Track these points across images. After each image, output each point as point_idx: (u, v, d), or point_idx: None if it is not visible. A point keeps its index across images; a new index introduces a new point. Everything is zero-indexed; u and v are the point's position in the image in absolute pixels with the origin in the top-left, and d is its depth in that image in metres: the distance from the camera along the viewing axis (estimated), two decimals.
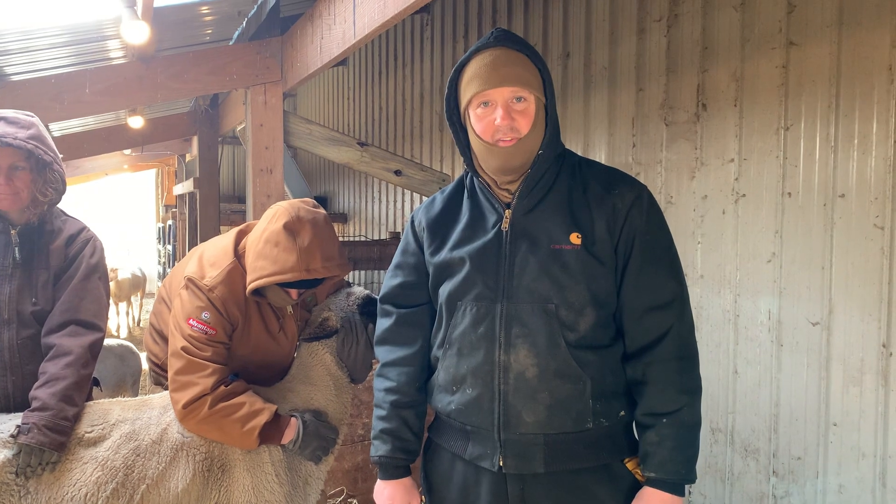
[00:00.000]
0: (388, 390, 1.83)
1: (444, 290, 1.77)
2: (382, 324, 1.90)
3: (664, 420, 1.63)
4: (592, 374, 1.65)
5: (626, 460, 1.70)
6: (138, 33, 3.62)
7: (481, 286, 1.69)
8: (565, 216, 1.68)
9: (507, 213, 1.71)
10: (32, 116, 2.28)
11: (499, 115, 1.64)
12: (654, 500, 1.64)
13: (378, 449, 1.82)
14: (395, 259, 1.92)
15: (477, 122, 1.68)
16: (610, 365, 1.68)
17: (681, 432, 1.63)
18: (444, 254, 1.77)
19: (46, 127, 2.44)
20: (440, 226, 1.82)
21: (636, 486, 1.69)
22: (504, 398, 1.66)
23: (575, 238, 1.66)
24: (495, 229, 1.72)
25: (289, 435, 2.24)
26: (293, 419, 2.26)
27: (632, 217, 1.67)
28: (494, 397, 1.67)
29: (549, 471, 1.66)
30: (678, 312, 1.66)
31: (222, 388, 2.17)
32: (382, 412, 1.83)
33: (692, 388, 1.66)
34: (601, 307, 1.67)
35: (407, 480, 1.84)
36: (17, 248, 2.26)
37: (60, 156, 2.33)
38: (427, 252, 1.82)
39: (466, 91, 1.69)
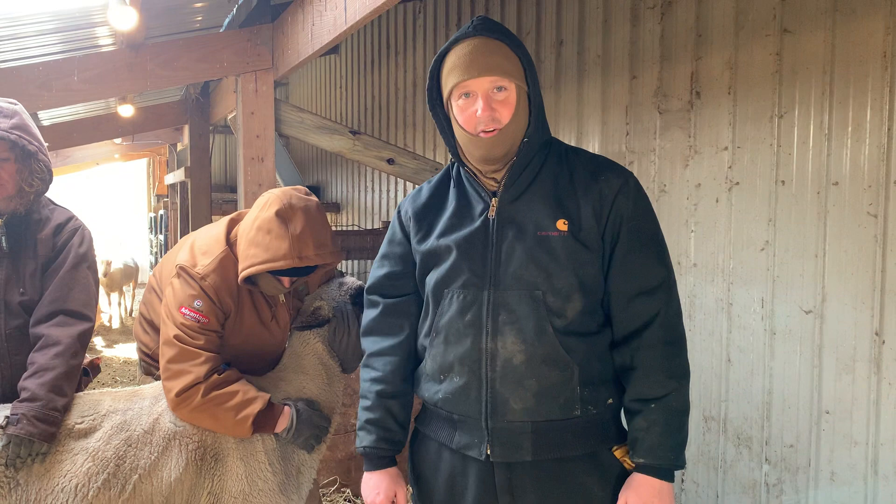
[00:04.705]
0: (373, 380, 1.82)
1: (431, 278, 1.76)
2: (369, 314, 1.89)
3: (652, 405, 1.64)
4: (580, 361, 1.65)
5: (614, 448, 1.71)
6: (126, 19, 3.57)
7: (468, 274, 1.69)
8: (552, 203, 1.68)
9: (494, 201, 1.71)
10: (16, 104, 2.24)
11: (480, 107, 1.63)
12: (644, 485, 1.64)
13: (363, 440, 1.81)
14: (382, 249, 1.91)
15: (459, 112, 1.68)
16: (597, 352, 1.68)
17: (669, 417, 1.63)
18: (430, 242, 1.77)
19: (34, 115, 2.41)
20: (426, 214, 1.81)
21: (624, 475, 1.69)
22: (491, 386, 1.66)
23: (562, 224, 1.66)
24: (482, 217, 1.71)
25: (282, 423, 2.23)
26: (286, 407, 2.25)
27: (618, 203, 1.67)
28: (482, 385, 1.67)
29: (537, 459, 1.66)
30: (665, 298, 1.67)
31: (215, 376, 2.16)
32: (368, 402, 1.82)
33: (680, 373, 1.67)
34: (589, 294, 1.67)
35: (392, 470, 1.83)
36: (3, 238, 2.24)
37: (46, 144, 2.30)
38: (414, 241, 1.81)
39: (447, 81, 1.68)
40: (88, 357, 3.63)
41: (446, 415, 1.74)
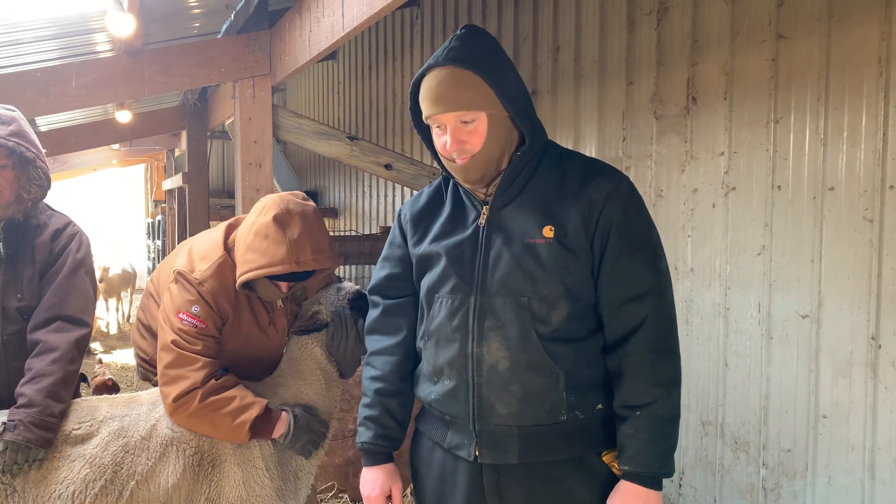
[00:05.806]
0: (372, 378, 1.88)
1: (425, 282, 1.81)
2: (371, 314, 1.96)
3: (638, 413, 1.64)
4: (566, 367, 1.65)
5: (604, 453, 1.71)
6: (124, 26, 3.58)
7: (456, 279, 1.73)
8: (540, 210, 1.69)
9: (485, 209, 1.74)
10: (14, 111, 2.24)
11: (448, 141, 1.67)
12: (629, 493, 1.64)
13: (362, 435, 1.88)
14: (384, 251, 1.96)
15: (435, 139, 1.73)
16: (587, 358, 1.68)
17: (655, 425, 1.63)
18: (424, 246, 1.81)
19: (32, 121, 2.41)
20: (423, 219, 1.86)
21: (613, 480, 1.69)
22: (478, 390, 1.69)
23: (548, 231, 1.67)
24: (474, 225, 1.75)
25: (279, 429, 2.23)
26: (284, 413, 2.25)
27: (608, 208, 1.66)
28: (469, 389, 1.70)
29: (524, 461, 1.68)
30: (653, 304, 1.65)
31: (213, 381, 2.16)
32: (367, 400, 1.88)
33: (667, 380, 1.65)
34: (576, 300, 1.67)
35: (389, 466, 1.88)
36: (1, 244, 2.24)
37: (44, 151, 2.30)
38: (410, 244, 1.87)
39: (422, 108, 1.72)
40: (108, 374, 3.60)
41: (439, 415, 1.79)
